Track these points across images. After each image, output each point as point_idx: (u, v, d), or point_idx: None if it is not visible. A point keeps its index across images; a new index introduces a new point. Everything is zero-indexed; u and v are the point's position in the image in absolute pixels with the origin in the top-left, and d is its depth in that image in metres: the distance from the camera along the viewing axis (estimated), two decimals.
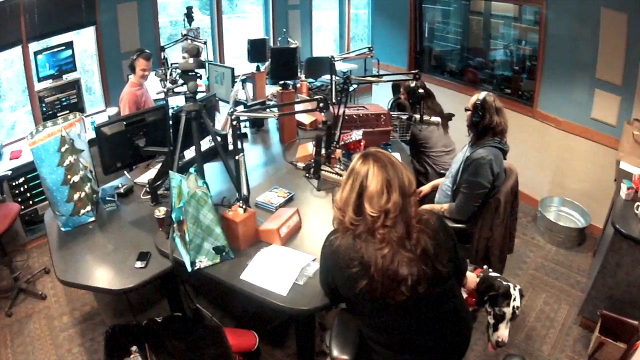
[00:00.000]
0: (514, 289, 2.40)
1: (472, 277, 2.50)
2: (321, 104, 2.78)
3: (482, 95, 3.32)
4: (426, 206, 3.64)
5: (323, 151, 2.97)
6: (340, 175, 2.85)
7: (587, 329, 3.74)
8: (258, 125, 4.96)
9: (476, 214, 3.39)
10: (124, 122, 3.30)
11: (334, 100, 4.10)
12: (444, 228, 2.15)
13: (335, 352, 2.19)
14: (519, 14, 5.68)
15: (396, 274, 1.91)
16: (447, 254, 2.08)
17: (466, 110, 3.43)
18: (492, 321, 2.43)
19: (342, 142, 3.69)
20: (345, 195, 2.04)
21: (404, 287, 1.92)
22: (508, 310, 2.38)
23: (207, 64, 5.36)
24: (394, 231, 1.95)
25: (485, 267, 2.63)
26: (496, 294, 2.39)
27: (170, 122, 3.42)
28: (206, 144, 3.87)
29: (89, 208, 3.23)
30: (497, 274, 2.53)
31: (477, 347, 3.57)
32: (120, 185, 3.63)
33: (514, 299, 2.38)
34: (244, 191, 2.83)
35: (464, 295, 2.50)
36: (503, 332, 2.40)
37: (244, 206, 2.78)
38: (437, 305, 2.06)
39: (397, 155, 3.90)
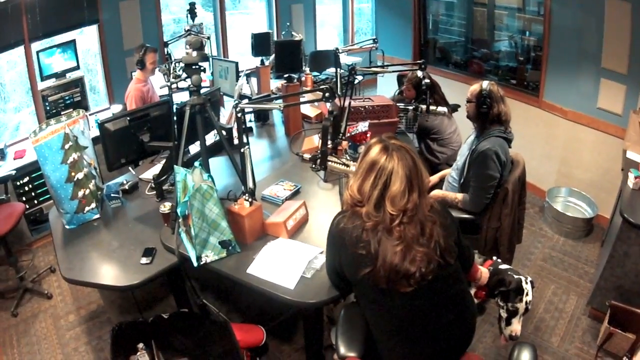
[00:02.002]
0: (526, 283, 2.37)
1: (485, 273, 2.47)
2: (327, 94, 2.75)
3: (485, 84, 3.29)
4: (438, 192, 3.62)
5: (329, 142, 2.95)
6: (347, 165, 2.82)
7: (596, 319, 3.72)
8: (263, 119, 4.95)
9: (486, 205, 3.36)
10: (128, 118, 3.29)
11: (339, 93, 4.08)
12: (449, 213, 2.16)
13: (342, 350, 2.16)
14: (523, 4, 5.65)
15: (405, 270, 1.90)
16: (454, 240, 2.08)
17: (469, 101, 3.39)
18: (504, 315, 2.40)
19: (349, 134, 3.67)
20: (367, 189, 2.00)
21: (412, 280, 1.91)
22: (521, 306, 2.35)
23: (210, 58, 5.35)
24: (410, 228, 1.94)
25: (495, 258, 2.60)
26: (507, 290, 2.37)
27: (175, 117, 3.41)
28: (211, 138, 3.86)
29: (93, 205, 3.23)
30: (508, 266, 2.50)
31: (485, 339, 3.56)
32: (124, 182, 3.62)
33: (527, 294, 2.36)
34: (250, 184, 2.81)
35: (473, 290, 2.48)
36: (516, 326, 2.37)
37: (249, 199, 2.76)
38: (442, 290, 2.04)
39: None
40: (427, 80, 3.80)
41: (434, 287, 1.99)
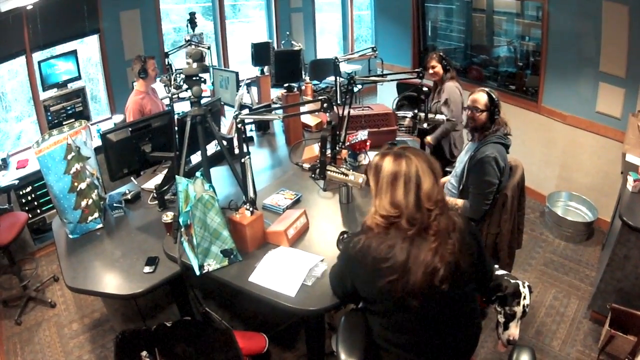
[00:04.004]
0: (523, 287, 2.38)
1: None
2: (325, 105, 2.78)
3: (488, 90, 3.31)
4: None
5: (328, 151, 2.97)
6: (346, 174, 2.84)
7: (597, 322, 3.73)
8: (264, 128, 4.97)
9: (485, 211, 3.38)
10: (130, 129, 3.31)
11: (338, 101, 4.10)
12: (471, 231, 2.12)
13: (343, 357, 2.18)
14: (522, 9, 5.67)
15: (434, 268, 1.89)
16: (471, 257, 2.05)
17: (480, 111, 3.37)
18: (502, 320, 2.41)
19: (348, 143, 3.69)
20: (401, 199, 1.96)
21: (436, 280, 1.90)
22: (519, 309, 2.36)
23: (211, 68, 5.38)
24: (443, 219, 1.96)
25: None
26: (504, 294, 2.38)
27: (176, 127, 3.44)
28: (212, 148, 3.88)
29: (96, 215, 3.25)
30: (505, 272, 2.51)
31: (487, 344, 3.57)
32: (127, 192, 3.65)
33: (524, 297, 2.37)
34: (251, 194, 2.83)
35: None
36: (514, 330, 2.38)
37: (251, 209, 2.79)
38: (455, 308, 2.04)
39: None
40: (425, 88, 3.84)
41: (448, 305, 2.00)
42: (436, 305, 1.98)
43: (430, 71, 4.66)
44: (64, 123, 5.08)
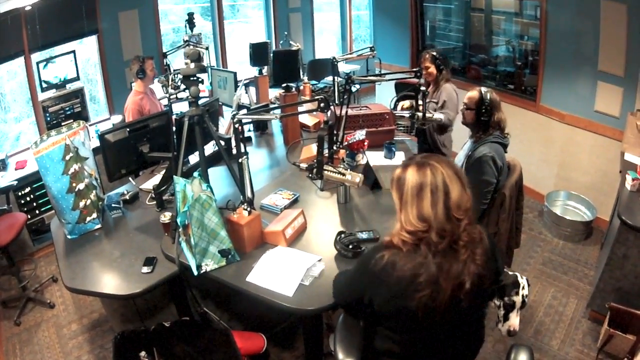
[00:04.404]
0: (522, 278, 2.39)
1: None
2: (322, 104, 2.78)
3: (483, 91, 3.31)
4: None
5: (326, 151, 2.97)
6: (343, 174, 2.84)
7: (596, 322, 3.74)
8: (262, 128, 4.97)
9: (482, 210, 3.38)
10: (128, 129, 3.32)
11: (336, 101, 4.10)
12: (492, 244, 2.05)
13: (341, 356, 2.18)
14: (520, 9, 5.68)
15: (461, 283, 1.81)
16: (494, 275, 2.01)
17: (468, 108, 3.40)
18: (502, 312, 2.40)
19: (346, 142, 3.69)
20: (427, 211, 1.84)
21: (462, 294, 1.82)
22: (518, 299, 2.35)
23: (209, 68, 5.38)
24: (472, 228, 1.87)
25: None
26: (502, 285, 2.37)
27: (174, 128, 3.44)
28: (210, 148, 3.89)
29: (94, 215, 3.25)
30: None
31: (485, 344, 3.55)
32: (125, 192, 3.65)
33: (523, 287, 2.37)
34: (248, 194, 2.84)
35: None
36: (514, 320, 2.37)
37: (248, 209, 2.79)
38: (468, 323, 2.01)
39: (401, 154, 3.93)
40: (423, 88, 3.84)
41: (464, 321, 1.96)
42: (452, 321, 1.90)
43: (424, 72, 4.65)
44: (62, 124, 5.09)
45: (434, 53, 4.67)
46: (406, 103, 4.51)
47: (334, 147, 3.37)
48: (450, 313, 1.84)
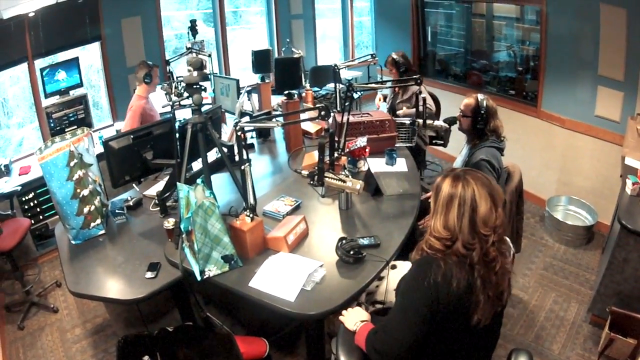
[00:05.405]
0: None
1: None
2: (322, 112, 2.81)
3: (480, 98, 3.34)
4: None
5: (327, 158, 2.99)
6: (344, 181, 2.86)
7: (597, 326, 3.75)
8: (264, 135, 4.99)
9: None
10: (132, 136, 3.34)
11: (338, 108, 4.13)
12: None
13: (343, 358, 2.20)
14: (521, 14, 5.70)
15: (501, 292, 1.91)
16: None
17: (464, 115, 3.43)
18: None
19: (347, 149, 3.71)
20: (452, 222, 1.93)
21: (504, 301, 1.94)
22: None
23: (212, 76, 5.41)
24: (501, 244, 1.94)
25: None
26: None
27: (177, 135, 3.47)
28: (213, 155, 3.91)
29: (98, 221, 3.28)
30: None
31: None
32: (129, 198, 3.67)
33: None
34: (251, 200, 2.86)
35: None
36: None
37: (251, 215, 2.81)
38: (497, 326, 2.10)
39: (402, 161, 3.95)
40: (423, 95, 3.86)
41: (494, 321, 2.02)
42: (491, 324, 1.98)
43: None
44: (66, 130, 5.13)
45: (395, 56, 4.72)
46: (381, 96, 4.58)
47: (335, 154, 3.39)
48: (492, 317, 1.94)
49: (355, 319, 2.35)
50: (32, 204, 4.86)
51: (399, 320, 2.03)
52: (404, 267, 3.10)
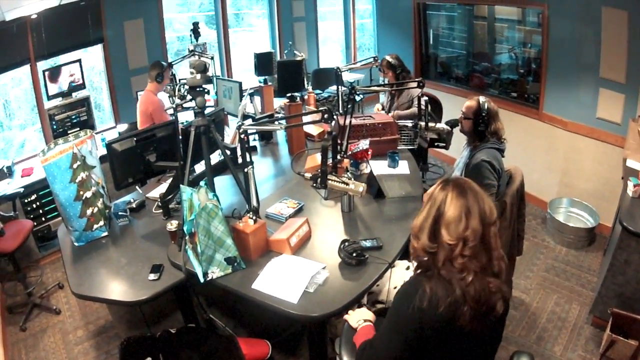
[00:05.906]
0: None
1: None
2: (325, 115, 2.81)
3: (482, 100, 3.35)
4: None
5: (329, 161, 3.00)
6: (347, 184, 2.87)
7: (598, 327, 3.75)
8: (267, 138, 5.00)
9: None
10: (135, 138, 3.35)
11: (340, 111, 4.13)
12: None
13: (346, 358, 2.21)
14: (523, 16, 5.71)
15: (488, 302, 1.82)
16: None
17: (465, 117, 3.44)
18: None
19: (350, 152, 3.72)
20: (420, 220, 1.91)
21: (492, 317, 1.84)
22: None
23: (214, 78, 5.41)
24: (475, 261, 1.82)
25: None
26: None
27: (180, 137, 3.48)
28: (216, 157, 3.92)
29: (101, 223, 3.29)
30: None
31: None
32: (132, 200, 3.69)
33: None
34: (254, 203, 2.87)
35: None
36: None
37: (254, 217, 2.82)
38: (500, 327, 2.03)
39: (404, 164, 3.96)
40: (425, 98, 3.88)
41: (493, 326, 1.95)
42: (488, 330, 1.93)
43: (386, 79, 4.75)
44: (69, 132, 5.13)
45: (390, 59, 4.72)
46: (379, 105, 4.58)
47: (338, 157, 3.40)
48: (489, 324, 1.88)
49: (359, 317, 2.36)
50: (34, 205, 4.87)
51: (385, 340, 1.99)
52: (402, 265, 3.12)
